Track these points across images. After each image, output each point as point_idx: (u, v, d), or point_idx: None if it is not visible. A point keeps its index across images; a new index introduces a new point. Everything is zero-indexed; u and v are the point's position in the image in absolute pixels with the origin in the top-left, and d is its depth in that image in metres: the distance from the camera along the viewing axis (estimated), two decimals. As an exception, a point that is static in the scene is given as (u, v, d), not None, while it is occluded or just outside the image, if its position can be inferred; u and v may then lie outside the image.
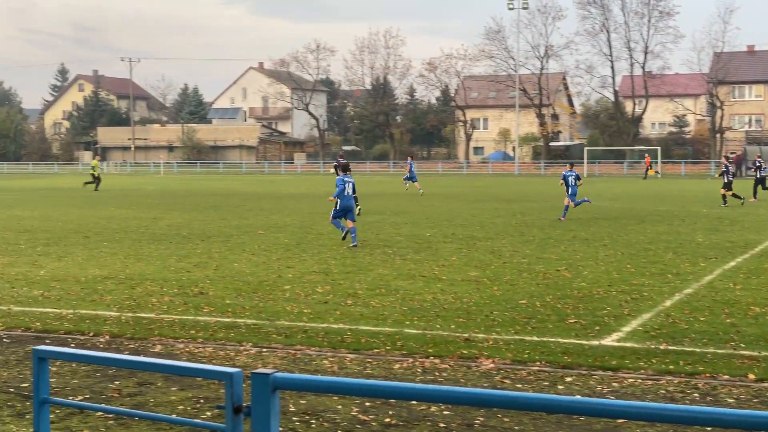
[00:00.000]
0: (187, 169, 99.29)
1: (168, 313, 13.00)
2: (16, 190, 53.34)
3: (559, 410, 3.62)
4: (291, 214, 31.51)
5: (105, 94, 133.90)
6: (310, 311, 13.00)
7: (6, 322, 12.40)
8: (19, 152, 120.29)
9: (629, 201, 40.04)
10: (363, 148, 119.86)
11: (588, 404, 3.60)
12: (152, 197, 43.53)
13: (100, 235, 23.97)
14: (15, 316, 12.86)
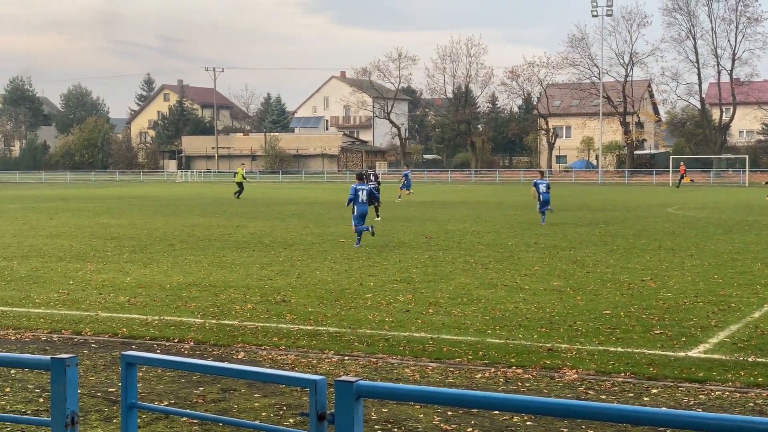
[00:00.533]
0: (270, 178, 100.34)
1: (251, 320, 13.13)
2: (103, 198, 54.49)
3: (645, 422, 3.55)
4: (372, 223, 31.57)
5: (189, 104, 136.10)
6: (392, 320, 13.00)
7: (94, 328, 12.65)
8: (106, 161, 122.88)
9: (716, 210, 39.26)
10: (444, 157, 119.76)
11: (674, 416, 3.53)
12: (235, 205, 44.07)
13: (185, 243, 24.34)
14: (102, 321, 13.11)
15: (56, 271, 18.57)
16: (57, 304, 14.60)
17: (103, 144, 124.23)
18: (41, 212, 38.72)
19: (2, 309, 14.10)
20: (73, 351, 11.28)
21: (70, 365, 4.45)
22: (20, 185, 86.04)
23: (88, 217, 35.51)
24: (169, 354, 11.01)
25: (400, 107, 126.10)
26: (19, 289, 16.16)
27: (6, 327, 12.76)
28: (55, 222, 32.58)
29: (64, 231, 28.42)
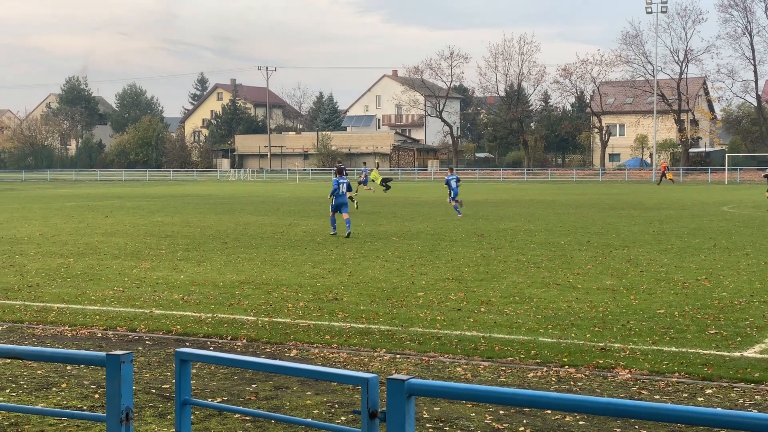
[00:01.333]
0: (322, 176, 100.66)
1: (303, 318, 13.19)
2: (157, 196, 55.09)
3: (699, 423, 3.51)
4: (424, 221, 31.59)
5: (242, 103, 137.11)
6: (444, 318, 12.98)
7: (148, 325, 12.79)
8: (160, 159, 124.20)
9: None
10: (496, 155, 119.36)
11: (729, 417, 3.48)
12: (288, 204, 44.31)
13: (238, 241, 24.51)
14: (157, 319, 13.26)
15: (111, 268, 18.81)
16: (112, 301, 14.79)
17: (157, 143, 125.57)
18: (97, 210, 39.25)
19: (59, 306, 14.32)
20: (127, 347, 11.42)
21: (125, 362, 4.51)
22: (76, 183, 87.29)
23: (143, 215, 35.92)
24: (222, 351, 11.10)
25: (452, 105, 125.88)
26: (75, 286, 16.39)
27: (62, 323, 12.96)
28: (111, 220, 33.00)
29: (119, 229, 28.78)
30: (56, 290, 15.90)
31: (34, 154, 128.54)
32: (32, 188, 68.71)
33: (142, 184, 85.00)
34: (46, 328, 12.71)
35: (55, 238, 25.43)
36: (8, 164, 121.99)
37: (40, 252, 21.95)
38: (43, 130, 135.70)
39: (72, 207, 42.39)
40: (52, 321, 13.15)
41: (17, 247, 23.19)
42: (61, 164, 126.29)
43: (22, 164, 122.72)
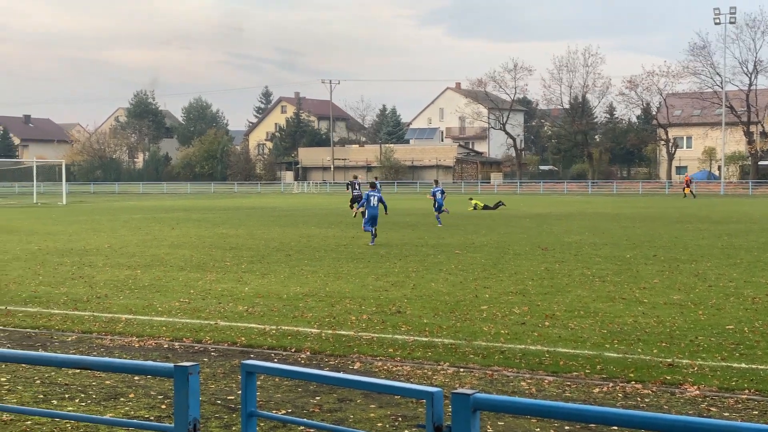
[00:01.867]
0: (385, 189, 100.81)
1: (366, 330, 13.20)
2: (222, 208, 55.62)
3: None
4: (488, 234, 31.45)
5: (306, 116, 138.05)
6: (508, 332, 12.90)
7: (213, 336, 12.91)
8: (225, 172, 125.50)
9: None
10: (560, 168, 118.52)
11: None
12: (350, 216, 44.41)
13: (301, 253, 24.64)
14: (222, 330, 13.37)
15: (177, 280, 19.02)
16: (178, 312, 14.95)
17: (222, 156, 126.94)
18: (163, 222, 39.76)
19: (126, 317, 14.52)
20: (193, 359, 11.53)
21: (192, 373, 4.54)
22: (143, 196, 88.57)
23: (208, 227, 36.30)
24: (286, 363, 11.15)
25: (516, 118, 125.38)
26: (143, 297, 16.61)
27: (130, 334, 13.13)
28: (177, 232, 33.40)
29: (185, 241, 29.11)
30: (124, 301, 16.13)
31: (103, 167, 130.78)
32: (101, 200, 69.89)
33: (208, 196, 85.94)
34: (115, 339, 12.89)
35: (123, 250, 25.81)
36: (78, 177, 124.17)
37: (109, 263, 22.29)
38: (111, 144, 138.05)
39: (139, 219, 43.00)
40: (120, 332, 13.34)
41: (86, 258, 23.58)
42: (129, 177, 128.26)
43: (91, 177, 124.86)
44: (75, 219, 43.29)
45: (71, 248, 26.52)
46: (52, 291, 17.43)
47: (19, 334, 13.39)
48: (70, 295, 16.81)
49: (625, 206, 56.97)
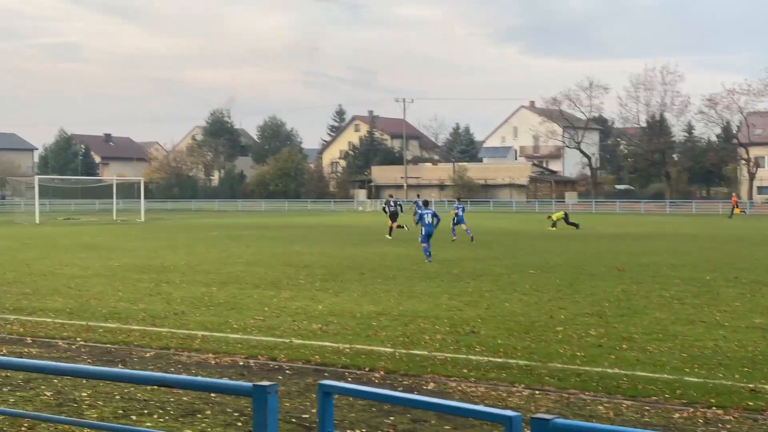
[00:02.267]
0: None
1: (440, 350, 13.14)
2: (296, 226, 55.98)
3: None
4: (562, 254, 31.14)
5: (379, 134, 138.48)
6: (584, 354, 12.73)
7: (288, 354, 12.97)
8: (299, 190, 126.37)
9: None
10: (637, 187, 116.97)
11: None
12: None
13: (375, 272, 24.67)
14: (296, 348, 13.43)
15: (252, 297, 19.18)
16: (253, 330, 15.06)
17: (296, 173, 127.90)
18: (238, 240, 40.16)
19: (203, 333, 14.67)
20: (268, 376, 11.59)
21: (270, 392, 4.56)
22: (219, 213, 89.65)
23: (282, 245, 36.56)
24: (360, 382, 11.15)
25: (591, 137, 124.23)
26: (218, 314, 16.78)
27: (206, 351, 13.26)
28: (251, 250, 33.71)
29: (260, 258, 29.36)
30: (200, 318, 16.31)
31: (180, 185, 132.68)
32: (178, 218, 70.95)
33: (281, 214, 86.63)
34: (191, 355, 13.03)
35: (199, 267, 26.13)
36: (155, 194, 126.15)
37: (186, 280, 22.58)
38: (188, 161, 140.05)
39: (215, 236, 43.51)
40: (196, 348, 13.48)
41: (164, 275, 23.92)
42: (205, 194, 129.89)
43: (168, 194, 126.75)
44: (153, 236, 43.98)
45: (149, 265, 26.93)
46: (131, 307, 17.71)
47: (99, 349, 13.62)
48: (149, 312, 17.06)
49: (704, 227, 55.98)
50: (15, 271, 24.96)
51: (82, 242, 38.56)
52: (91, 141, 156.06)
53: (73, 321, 16.08)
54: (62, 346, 13.88)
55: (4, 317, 16.55)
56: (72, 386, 10.80)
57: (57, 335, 14.72)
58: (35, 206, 66.04)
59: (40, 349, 13.58)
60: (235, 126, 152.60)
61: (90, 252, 32.48)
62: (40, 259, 29.35)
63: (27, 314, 16.92)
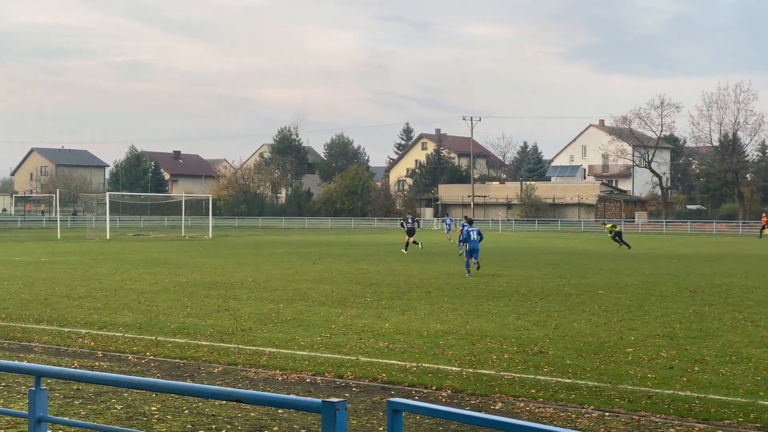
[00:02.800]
0: (525, 227, 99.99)
1: (508, 370, 13.02)
2: (362, 244, 56.09)
3: None
4: (632, 275, 30.72)
5: (446, 153, 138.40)
6: (655, 376, 12.51)
7: (355, 372, 12.95)
8: (365, 208, 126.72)
9: None
10: (709, 207, 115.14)
11: None
12: (491, 254, 44.15)
13: (441, 291, 24.58)
14: (363, 366, 13.40)
15: (319, 314, 19.22)
16: (320, 347, 15.08)
17: (363, 191, 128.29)
18: (305, 257, 40.35)
19: (270, 350, 14.73)
20: (335, 394, 11.58)
21: (339, 409, 4.54)
22: (286, 230, 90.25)
23: (348, 262, 36.65)
24: (427, 401, 11.08)
25: (662, 156, 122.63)
26: (285, 331, 16.84)
27: (274, 368, 13.31)
28: (318, 267, 33.84)
29: (326, 276, 29.45)
30: (267, 335, 16.39)
31: (247, 202, 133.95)
32: (245, 234, 71.58)
33: (348, 231, 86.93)
34: (259, 372, 13.09)
35: (266, 284, 26.29)
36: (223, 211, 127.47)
37: (253, 297, 22.73)
38: (255, 179, 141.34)
39: (282, 253, 43.78)
40: (264, 365, 13.54)
41: (231, 291, 24.11)
42: (272, 212, 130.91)
43: (235, 211, 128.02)
44: (220, 252, 44.42)
45: (217, 281, 27.18)
46: (199, 323, 17.87)
47: (168, 364, 13.75)
48: (216, 327, 17.19)
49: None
50: (86, 286, 25.37)
51: (151, 258, 39.09)
52: (160, 158, 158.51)
53: (143, 335, 16.27)
54: (132, 360, 14.05)
55: (75, 331, 16.82)
56: (141, 400, 10.91)
57: (127, 349, 14.90)
58: (106, 222, 67.19)
59: (111, 363, 13.76)
60: (302, 144, 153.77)
61: (159, 267, 32.91)
62: (110, 274, 29.81)
63: (98, 328, 17.17)
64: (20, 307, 20.30)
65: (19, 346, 15.34)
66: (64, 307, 20.32)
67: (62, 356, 14.42)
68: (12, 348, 15.20)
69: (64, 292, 23.58)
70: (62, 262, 36.08)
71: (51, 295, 22.99)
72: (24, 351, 14.88)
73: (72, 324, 17.74)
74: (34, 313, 19.35)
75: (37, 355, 14.47)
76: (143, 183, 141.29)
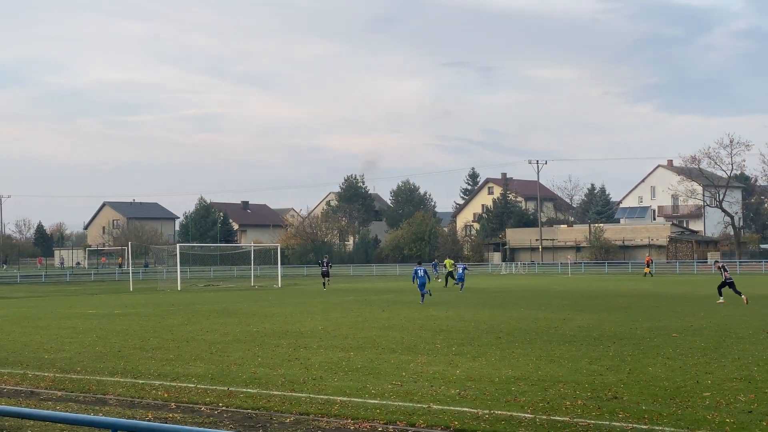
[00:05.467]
0: (595, 269, 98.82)
1: (582, 416, 12.83)
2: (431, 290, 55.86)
3: None
4: (707, 317, 30.14)
5: (513, 196, 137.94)
6: (734, 421, 12.23)
7: (427, 420, 12.87)
8: (433, 254, 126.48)
9: None
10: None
11: None
12: (561, 298, 43.74)
13: (512, 336, 24.37)
14: (434, 414, 13.32)
15: (389, 362, 19.17)
16: (391, 395, 15.03)
17: (430, 237, 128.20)
18: (373, 304, 40.35)
19: (341, 399, 14.71)
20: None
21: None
22: (353, 278, 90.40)
23: (418, 309, 36.54)
24: (501, 449, 10.95)
25: (733, 195, 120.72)
26: (356, 379, 16.81)
27: (345, 417, 13.28)
28: (387, 314, 33.79)
29: (396, 323, 29.39)
30: (338, 383, 16.38)
31: (315, 250, 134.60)
32: (314, 283, 71.78)
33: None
34: (330, 421, 13.07)
35: (336, 332, 26.32)
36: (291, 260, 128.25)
37: (323, 345, 22.76)
38: (323, 227, 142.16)
39: (350, 301, 43.84)
40: (335, 414, 13.52)
41: (301, 340, 24.18)
42: (340, 259, 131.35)
43: (303, 260, 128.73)
44: (290, 301, 44.63)
45: (287, 330, 27.28)
46: (271, 372, 17.93)
47: (240, 414, 13.81)
48: (288, 377, 17.23)
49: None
50: (159, 337, 25.66)
51: (222, 308, 39.42)
52: (229, 209, 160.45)
53: (215, 386, 16.37)
54: (205, 411, 14.13)
55: (149, 383, 16.99)
56: (215, 451, 10.95)
57: (200, 400, 15.00)
58: (177, 273, 68.01)
59: (184, 414, 13.86)
60: (368, 191, 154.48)
61: (229, 318, 33.16)
62: (182, 325, 30.12)
63: (171, 379, 17.32)
64: (95, 360, 20.59)
65: (94, 399, 15.54)
66: (137, 359, 20.56)
67: (136, 408, 14.56)
68: (87, 401, 15.40)
69: (137, 344, 23.87)
70: (135, 313, 36.57)
71: (124, 347, 23.28)
72: (99, 404, 15.06)
73: (145, 376, 17.93)
74: (108, 365, 19.60)
75: (111, 408, 14.63)
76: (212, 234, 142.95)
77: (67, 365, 19.73)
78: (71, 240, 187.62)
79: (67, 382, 17.33)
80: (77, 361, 20.50)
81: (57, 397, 15.84)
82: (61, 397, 15.84)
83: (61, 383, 17.25)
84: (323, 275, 61.68)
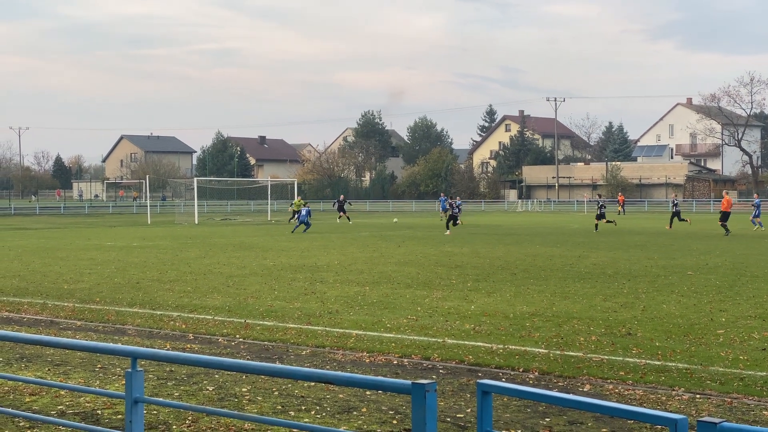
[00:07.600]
0: (611, 208, 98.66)
1: (595, 352, 12.93)
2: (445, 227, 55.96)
3: None
4: (722, 255, 30.16)
5: (530, 134, 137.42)
6: (747, 358, 12.30)
7: (441, 354, 13.00)
8: (449, 190, 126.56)
9: None
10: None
11: None
12: (576, 235, 43.78)
13: (527, 272, 24.47)
14: (449, 348, 13.45)
15: (405, 297, 19.31)
16: (406, 329, 15.16)
17: (447, 174, 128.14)
18: (390, 240, 40.50)
19: (357, 332, 14.87)
20: (422, 376, 11.65)
21: (429, 390, 4.59)
22: (370, 213, 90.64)
23: (433, 245, 36.68)
24: (515, 383, 11.08)
25: (752, 134, 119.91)
26: (372, 313, 16.96)
27: (361, 350, 13.43)
28: (403, 250, 33.94)
29: (411, 259, 29.53)
30: (354, 317, 16.53)
31: (332, 186, 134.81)
32: (330, 218, 71.99)
33: (432, 214, 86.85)
34: (346, 354, 13.22)
35: (352, 267, 26.48)
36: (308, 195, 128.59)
37: (339, 280, 22.92)
38: (339, 163, 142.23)
39: (366, 237, 44.00)
40: (351, 347, 13.67)
41: (318, 274, 24.35)
42: (356, 195, 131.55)
43: (320, 195, 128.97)
44: (306, 236, 44.82)
45: (303, 264, 27.47)
46: (287, 306, 18.10)
47: (257, 346, 13.98)
48: (304, 310, 17.40)
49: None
50: (176, 270, 25.89)
51: (239, 242, 39.66)
52: (246, 143, 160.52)
53: (232, 318, 16.56)
54: (222, 342, 14.32)
55: (167, 314, 17.19)
56: (232, 381, 11.13)
57: (217, 332, 15.19)
58: (194, 207, 68.29)
59: (202, 345, 14.05)
60: (385, 127, 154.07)
61: (246, 251, 33.38)
62: (199, 258, 30.35)
63: (188, 311, 17.52)
64: (114, 291, 20.82)
65: (113, 329, 15.76)
66: (155, 291, 20.78)
67: (155, 338, 14.76)
68: (107, 331, 15.61)
69: (156, 276, 24.11)
70: (153, 246, 36.85)
71: (143, 279, 23.52)
72: (118, 334, 15.28)
73: (164, 307, 18.14)
74: (127, 296, 19.83)
75: (131, 338, 14.84)
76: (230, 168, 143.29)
77: (86, 296, 19.96)
78: (89, 173, 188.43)
79: (86, 312, 17.56)
80: (96, 291, 20.73)
81: (77, 326, 16.07)
82: (81, 326, 16.07)
83: (80, 313, 17.49)
84: (339, 210, 66.30)
